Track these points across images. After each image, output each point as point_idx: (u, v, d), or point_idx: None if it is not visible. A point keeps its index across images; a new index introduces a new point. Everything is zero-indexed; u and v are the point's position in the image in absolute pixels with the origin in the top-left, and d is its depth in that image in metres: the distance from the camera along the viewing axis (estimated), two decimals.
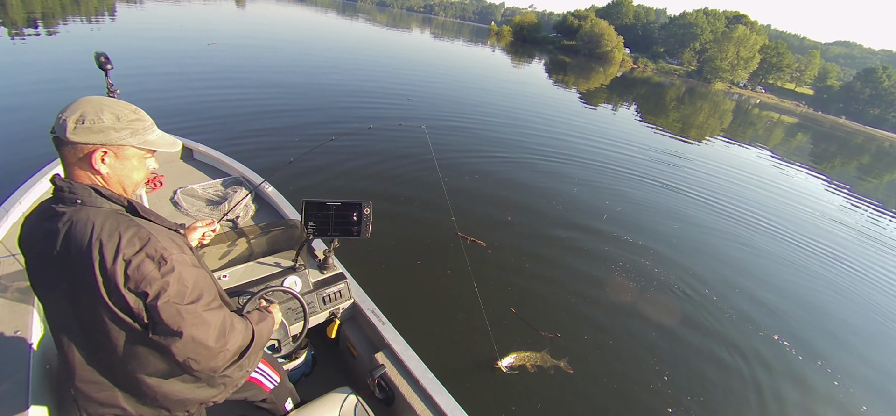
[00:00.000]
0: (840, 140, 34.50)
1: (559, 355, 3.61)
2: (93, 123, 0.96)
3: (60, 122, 0.96)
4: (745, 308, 5.01)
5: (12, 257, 2.14)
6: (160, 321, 0.96)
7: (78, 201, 0.95)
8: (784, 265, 6.63)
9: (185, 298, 0.99)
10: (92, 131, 0.96)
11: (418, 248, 4.73)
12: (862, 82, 66.07)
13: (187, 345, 0.99)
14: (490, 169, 7.72)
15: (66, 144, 0.96)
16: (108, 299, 0.92)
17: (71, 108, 0.97)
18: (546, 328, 3.94)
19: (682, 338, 4.27)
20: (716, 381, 3.81)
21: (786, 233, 8.02)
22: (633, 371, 3.71)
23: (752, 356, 4.21)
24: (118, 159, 1.02)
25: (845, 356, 4.65)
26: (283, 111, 8.54)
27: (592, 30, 68.46)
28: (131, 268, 0.92)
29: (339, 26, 35.78)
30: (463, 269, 4.29)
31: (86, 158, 0.98)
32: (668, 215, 7.42)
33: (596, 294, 4.64)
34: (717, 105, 36.90)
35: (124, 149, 1.03)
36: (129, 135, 1.02)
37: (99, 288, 0.91)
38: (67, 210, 0.95)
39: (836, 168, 19.73)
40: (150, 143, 1.07)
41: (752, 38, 64.92)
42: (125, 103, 1.06)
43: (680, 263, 5.72)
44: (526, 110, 14.30)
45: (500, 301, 4.18)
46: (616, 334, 4.12)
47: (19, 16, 13.54)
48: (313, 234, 2.14)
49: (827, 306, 5.70)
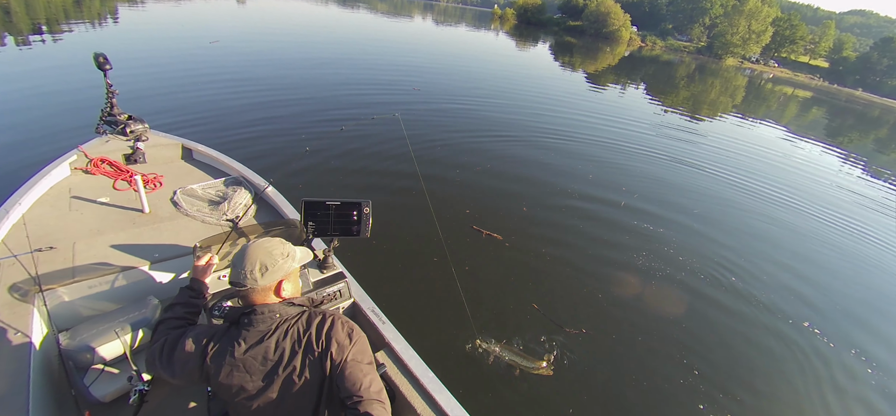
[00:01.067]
0: (857, 113, 33.51)
1: (573, 353, 3.50)
2: (272, 264, 1.26)
3: (244, 275, 1.23)
4: (779, 293, 4.91)
5: (13, 257, 2.15)
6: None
7: (277, 316, 1.22)
8: (816, 243, 6.56)
9: (367, 356, 1.32)
10: (273, 272, 1.26)
11: (419, 243, 4.66)
12: (879, 52, 63.68)
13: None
14: (501, 158, 7.60)
15: (255, 290, 1.24)
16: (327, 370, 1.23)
17: (245, 262, 1.24)
18: (571, 324, 3.82)
19: (716, 324, 4.17)
20: (763, 370, 3.73)
21: (812, 210, 7.89)
22: (666, 366, 3.60)
23: (798, 344, 4.11)
24: (289, 280, 1.35)
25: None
26: (283, 110, 8.50)
27: (598, 9, 66.91)
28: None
29: (341, 17, 35.51)
30: (472, 263, 4.24)
31: (275, 290, 1.29)
32: (688, 198, 7.28)
33: (619, 287, 4.52)
34: (729, 81, 36.04)
35: (292, 272, 1.36)
36: (291, 263, 1.32)
37: (325, 363, 1.22)
38: (271, 327, 1.21)
39: (854, 142, 19.20)
40: (300, 260, 1.38)
41: (765, 11, 62.87)
42: (274, 244, 1.33)
43: (708, 248, 5.61)
44: (533, 96, 14.09)
45: (521, 298, 4.10)
46: (644, 327, 3.98)
47: (24, 23, 13.63)
48: (313, 233, 2.11)
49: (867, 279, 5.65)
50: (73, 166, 3.13)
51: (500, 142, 8.55)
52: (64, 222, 2.55)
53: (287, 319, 1.22)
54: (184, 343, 1.24)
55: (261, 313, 1.20)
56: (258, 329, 1.19)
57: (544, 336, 3.61)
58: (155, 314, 2.06)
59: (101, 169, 3.17)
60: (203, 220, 2.81)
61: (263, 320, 1.20)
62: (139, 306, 2.07)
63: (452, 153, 7.45)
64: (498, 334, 3.53)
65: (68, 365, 1.87)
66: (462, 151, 7.60)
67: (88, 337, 1.86)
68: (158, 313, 2.08)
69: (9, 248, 2.20)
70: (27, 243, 2.22)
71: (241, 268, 1.24)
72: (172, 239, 2.58)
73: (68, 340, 1.85)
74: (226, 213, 2.89)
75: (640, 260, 5.06)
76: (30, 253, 2.19)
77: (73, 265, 2.24)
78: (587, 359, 3.50)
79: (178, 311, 1.51)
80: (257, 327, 1.20)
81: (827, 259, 6.12)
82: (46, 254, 2.26)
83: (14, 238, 2.30)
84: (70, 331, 1.90)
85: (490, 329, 3.61)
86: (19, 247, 2.21)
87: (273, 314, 1.21)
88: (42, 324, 1.98)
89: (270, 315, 1.20)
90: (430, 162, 6.94)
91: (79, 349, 1.82)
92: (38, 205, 2.66)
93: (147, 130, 3.53)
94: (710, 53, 65.16)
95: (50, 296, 2.07)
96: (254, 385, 1.20)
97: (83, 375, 1.86)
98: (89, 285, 2.20)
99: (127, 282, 2.31)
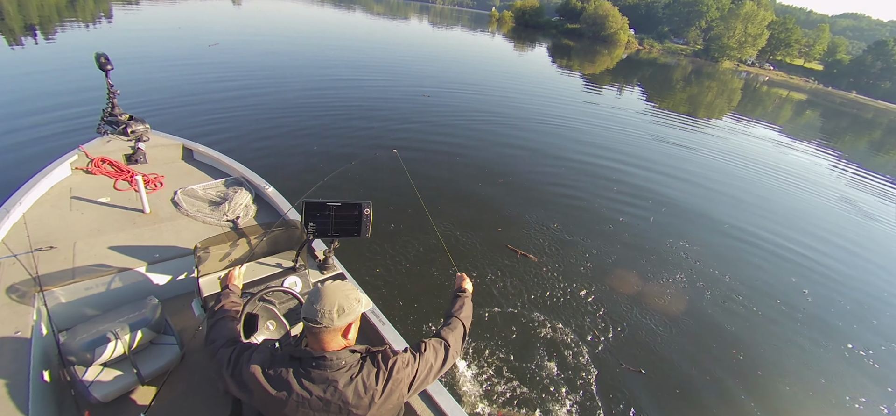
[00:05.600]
0: (851, 116, 33.77)
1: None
2: (348, 307, 1.33)
3: (320, 313, 1.29)
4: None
5: (13, 256, 2.14)
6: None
7: (343, 363, 1.29)
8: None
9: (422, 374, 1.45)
10: (348, 314, 1.33)
11: (418, 247, 4.65)
12: (873, 55, 64.24)
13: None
14: (520, 166, 7.46)
15: (330, 329, 1.30)
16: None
17: (323, 302, 1.31)
18: (628, 362, 3.57)
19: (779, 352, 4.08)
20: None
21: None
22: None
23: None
24: (356, 325, 1.41)
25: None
26: (283, 110, 8.50)
27: (596, 11, 67.19)
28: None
29: (338, 19, 35.50)
30: (473, 263, 4.21)
31: (344, 332, 1.35)
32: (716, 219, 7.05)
33: (670, 319, 4.26)
34: (726, 84, 36.26)
35: (359, 317, 1.41)
36: (361, 308, 1.38)
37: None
38: (338, 374, 1.28)
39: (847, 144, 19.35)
40: (365, 306, 1.42)
41: (761, 14, 63.30)
42: (349, 288, 1.40)
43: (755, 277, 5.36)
44: (544, 102, 14.09)
45: (521, 299, 4.06)
46: (705, 366, 3.72)
47: (17, 24, 13.54)
48: (313, 234, 2.12)
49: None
50: (74, 166, 3.13)
51: (505, 147, 8.56)
52: (64, 221, 2.55)
53: (350, 366, 1.31)
54: (249, 365, 1.32)
55: (330, 360, 1.28)
56: (324, 374, 1.28)
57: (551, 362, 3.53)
58: (155, 314, 2.06)
59: (101, 169, 3.17)
60: (203, 220, 2.82)
61: (332, 366, 1.28)
62: (139, 307, 2.07)
63: (453, 153, 7.47)
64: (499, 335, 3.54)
65: (68, 365, 1.86)
66: (457, 148, 7.63)
67: (88, 337, 1.85)
68: (158, 313, 2.07)
69: (9, 248, 2.20)
70: (28, 243, 2.22)
71: (318, 306, 1.30)
72: (173, 239, 2.58)
73: (68, 340, 1.85)
74: (226, 213, 2.90)
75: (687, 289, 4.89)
76: (30, 253, 2.19)
77: (74, 265, 2.23)
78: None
79: (226, 307, 1.65)
80: (325, 372, 1.28)
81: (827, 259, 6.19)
82: (47, 254, 2.26)
83: (14, 238, 2.29)
84: (70, 331, 1.90)
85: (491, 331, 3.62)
86: (20, 247, 2.20)
87: (340, 361, 1.29)
88: (42, 324, 1.98)
89: (338, 361, 1.29)
90: (420, 161, 6.96)
91: (79, 349, 1.82)
92: (39, 205, 2.66)
93: (148, 131, 3.53)
94: (706, 56, 65.52)
95: (50, 296, 2.07)
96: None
97: (83, 375, 1.86)
98: (89, 285, 2.20)
99: (127, 282, 2.31)
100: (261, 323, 1.83)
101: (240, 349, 1.38)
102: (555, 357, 3.49)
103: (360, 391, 1.28)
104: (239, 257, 2.23)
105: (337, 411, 1.27)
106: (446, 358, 1.51)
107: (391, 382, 1.32)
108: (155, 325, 2.04)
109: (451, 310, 1.73)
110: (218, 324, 1.56)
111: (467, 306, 1.76)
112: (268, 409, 1.29)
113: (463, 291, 1.83)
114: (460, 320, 1.67)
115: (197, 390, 2.09)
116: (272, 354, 1.35)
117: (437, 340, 1.53)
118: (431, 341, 1.52)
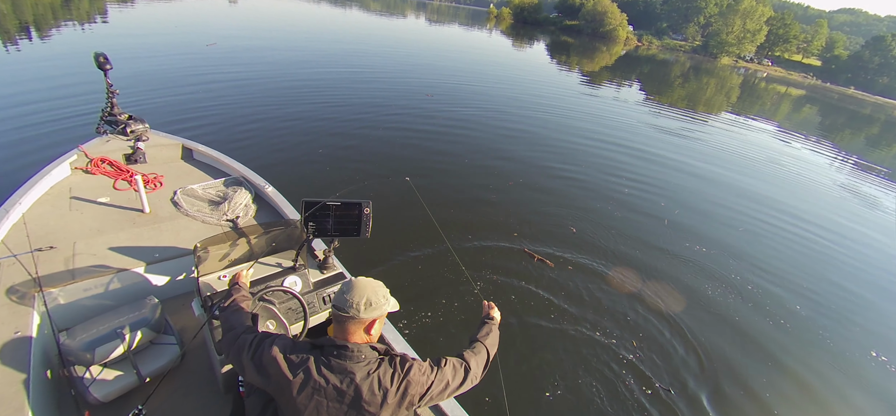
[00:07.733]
0: (849, 112, 33.78)
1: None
2: (376, 302, 1.36)
3: (349, 303, 1.33)
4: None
5: (13, 256, 2.14)
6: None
7: (363, 357, 1.31)
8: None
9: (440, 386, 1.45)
10: (375, 309, 1.35)
11: (417, 247, 4.64)
12: (871, 51, 64.31)
13: None
14: (534, 169, 7.38)
15: (356, 320, 1.33)
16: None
17: (354, 293, 1.34)
18: (663, 382, 3.40)
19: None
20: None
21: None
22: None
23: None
24: (380, 321, 1.42)
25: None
26: (283, 110, 8.49)
27: (595, 8, 67.07)
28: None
29: (336, 18, 35.35)
30: (475, 264, 4.18)
31: (368, 327, 1.37)
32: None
33: (694, 335, 4.05)
34: (725, 80, 36.24)
35: (384, 315, 1.43)
36: (387, 306, 1.42)
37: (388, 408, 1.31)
38: (356, 367, 1.29)
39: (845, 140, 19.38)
40: (392, 307, 1.46)
41: (759, 10, 63.27)
42: (379, 286, 1.42)
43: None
44: (544, 101, 14.06)
45: (523, 302, 4.00)
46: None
47: (11, 24, 13.47)
48: (313, 234, 2.11)
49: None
50: (74, 166, 3.13)
51: (504, 154, 8.55)
52: (64, 221, 2.55)
53: (369, 361, 1.32)
54: (270, 349, 1.34)
55: (351, 351, 1.31)
56: (343, 364, 1.30)
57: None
58: (155, 314, 2.06)
59: (101, 169, 3.16)
60: (203, 220, 2.82)
61: (352, 357, 1.30)
62: (139, 307, 2.07)
63: (452, 154, 7.47)
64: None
65: (68, 365, 1.86)
66: (459, 154, 7.62)
67: (88, 337, 1.86)
68: (158, 313, 2.08)
69: (9, 248, 2.20)
70: (27, 243, 2.22)
71: (348, 296, 1.34)
72: (172, 239, 2.58)
73: (68, 340, 1.85)
74: (226, 213, 2.90)
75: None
76: (30, 253, 2.18)
77: (74, 265, 2.23)
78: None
79: (238, 301, 1.67)
80: (344, 362, 1.30)
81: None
82: (46, 254, 2.26)
83: (14, 238, 2.29)
84: (70, 331, 1.90)
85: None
86: (19, 247, 2.20)
87: (360, 354, 1.31)
88: (42, 324, 1.98)
89: (358, 354, 1.31)
90: (424, 164, 6.95)
91: (79, 349, 1.82)
92: (39, 205, 2.65)
93: (147, 130, 3.53)
94: (705, 52, 65.51)
95: (50, 296, 2.07)
96: (328, 412, 1.31)
97: (83, 375, 1.86)
98: (89, 285, 2.20)
99: (127, 282, 2.32)
100: (261, 323, 1.84)
101: (262, 335, 1.41)
102: (574, 367, 3.39)
103: (375, 388, 1.29)
104: (239, 256, 2.23)
105: (350, 403, 1.28)
106: (465, 380, 1.50)
107: (404, 385, 1.33)
108: (155, 325, 2.04)
109: (476, 335, 1.71)
110: (236, 313, 1.59)
111: (494, 333, 1.73)
112: (283, 394, 1.30)
113: (491, 318, 1.80)
114: (485, 346, 1.65)
115: (197, 390, 2.09)
116: (294, 342, 1.38)
117: (459, 360, 1.52)
118: (452, 359, 1.51)
